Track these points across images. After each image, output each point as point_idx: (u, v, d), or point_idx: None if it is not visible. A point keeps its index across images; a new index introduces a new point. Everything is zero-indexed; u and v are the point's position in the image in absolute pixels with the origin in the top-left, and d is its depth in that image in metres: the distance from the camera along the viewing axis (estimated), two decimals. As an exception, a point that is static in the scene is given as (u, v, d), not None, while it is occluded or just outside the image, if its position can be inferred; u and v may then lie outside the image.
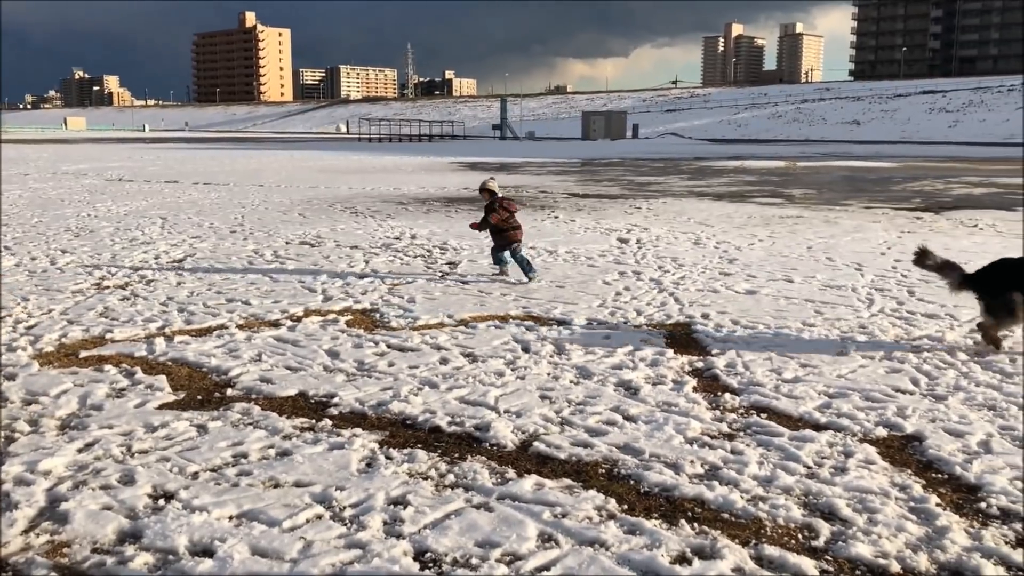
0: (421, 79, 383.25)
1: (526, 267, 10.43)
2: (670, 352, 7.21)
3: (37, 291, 9.72)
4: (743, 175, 32.49)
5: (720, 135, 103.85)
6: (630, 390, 6.22)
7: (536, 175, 32.17)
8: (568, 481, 4.65)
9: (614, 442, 5.19)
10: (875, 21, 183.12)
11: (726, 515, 4.27)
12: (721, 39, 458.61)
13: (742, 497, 4.45)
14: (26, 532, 4.07)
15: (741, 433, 5.38)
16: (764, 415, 5.71)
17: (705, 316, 8.49)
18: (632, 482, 4.64)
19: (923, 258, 7.60)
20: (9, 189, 24.15)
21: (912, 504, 4.40)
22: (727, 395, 6.11)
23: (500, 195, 10.74)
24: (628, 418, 5.62)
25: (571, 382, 6.40)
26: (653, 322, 8.30)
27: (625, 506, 4.36)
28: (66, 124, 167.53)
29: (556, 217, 17.51)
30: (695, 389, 6.26)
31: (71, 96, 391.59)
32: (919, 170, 36.35)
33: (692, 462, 4.89)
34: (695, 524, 4.18)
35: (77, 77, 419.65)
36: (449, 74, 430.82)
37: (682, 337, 7.75)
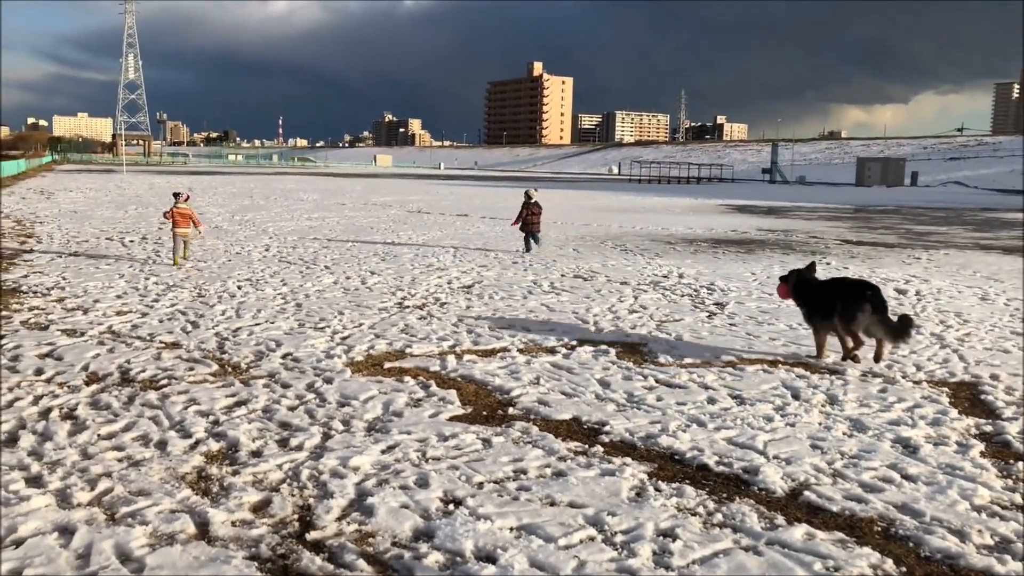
0: (692, 123, 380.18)
1: (535, 242, 17.32)
2: (954, 412, 6.59)
3: (350, 307, 10.68)
4: (1038, 228, 29.09)
5: (1011, 186, 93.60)
6: (908, 448, 5.75)
7: (806, 220, 30.77)
8: (840, 535, 4.37)
9: (891, 500, 4.81)
10: None
11: (1020, 594, 3.82)
12: (1016, 85, 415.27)
13: (1039, 577, 3.95)
14: (339, 520, 4.45)
15: (1038, 507, 4.79)
16: (1065, 490, 5.04)
17: (994, 377, 7.67)
18: (911, 544, 4.28)
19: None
20: (328, 216, 26.82)
21: None
22: (1021, 464, 5.47)
23: (534, 201, 17.22)
24: (906, 477, 5.19)
25: (844, 434, 6.02)
26: (934, 379, 7.62)
27: (903, 569, 4.03)
28: (376, 161, 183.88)
29: (828, 263, 16.63)
30: (983, 454, 5.66)
31: (381, 136, 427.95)
32: None
33: (980, 531, 4.42)
34: (984, 599, 3.77)
35: (387, 120, 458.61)
36: (720, 119, 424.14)
37: (967, 397, 7.05)
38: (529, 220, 17.33)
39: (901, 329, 7.49)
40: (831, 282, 8.32)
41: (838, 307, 7.68)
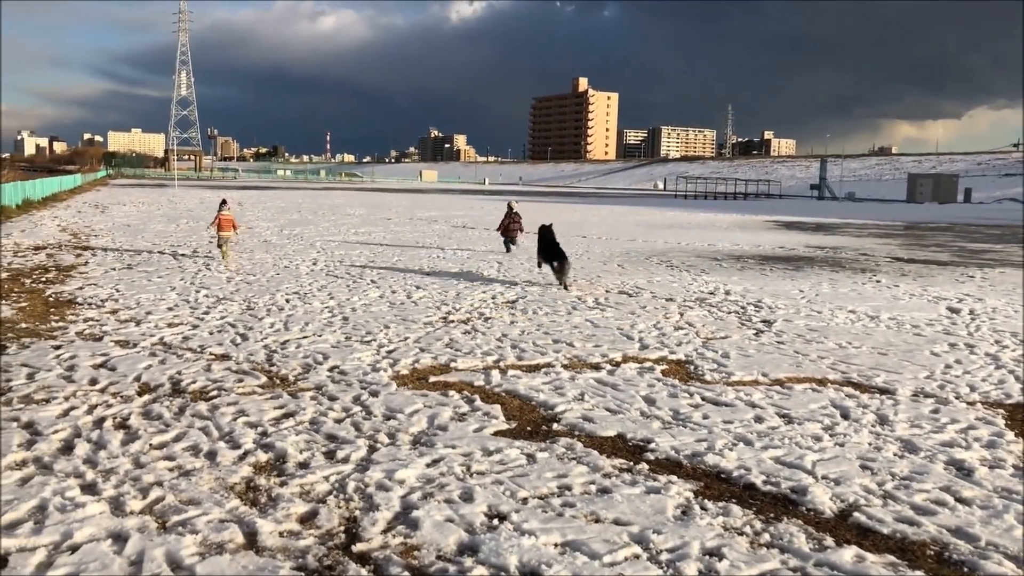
0: (739, 139, 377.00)
1: (511, 245, 20.19)
2: (1010, 435, 6.43)
3: (396, 320, 10.78)
4: (1098, 246, 28.28)
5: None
6: (962, 470, 5.63)
7: (856, 237, 30.31)
8: (891, 557, 4.29)
9: (944, 524, 4.72)
10: None
11: (1080, 623, 3.71)
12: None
13: (1101, 606, 3.84)
14: (384, 532, 4.49)
15: (1099, 534, 4.65)
16: None
17: (1052, 399, 7.47)
18: (966, 569, 4.19)
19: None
20: (375, 231, 27.11)
21: None
22: (1081, 489, 5.32)
23: (515, 211, 20.44)
24: (961, 500, 5.08)
25: (895, 455, 5.92)
26: (989, 400, 7.45)
27: (957, 595, 3.94)
28: (421, 176, 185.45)
29: (878, 281, 16.36)
30: (1041, 478, 5.51)
31: (426, 152, 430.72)
32: None
33: (1038, 558, 4.31)
34: (1042, 627, 3.67)
35: (432, 136, 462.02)
36: (768, 134, 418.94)
37: (1024, 419, 6.88)
38: (510, 227, 20.37)
39: (564, 272, 14.14)
40: (552, 241, 14.54)
41: (547, 254, 14.40)
